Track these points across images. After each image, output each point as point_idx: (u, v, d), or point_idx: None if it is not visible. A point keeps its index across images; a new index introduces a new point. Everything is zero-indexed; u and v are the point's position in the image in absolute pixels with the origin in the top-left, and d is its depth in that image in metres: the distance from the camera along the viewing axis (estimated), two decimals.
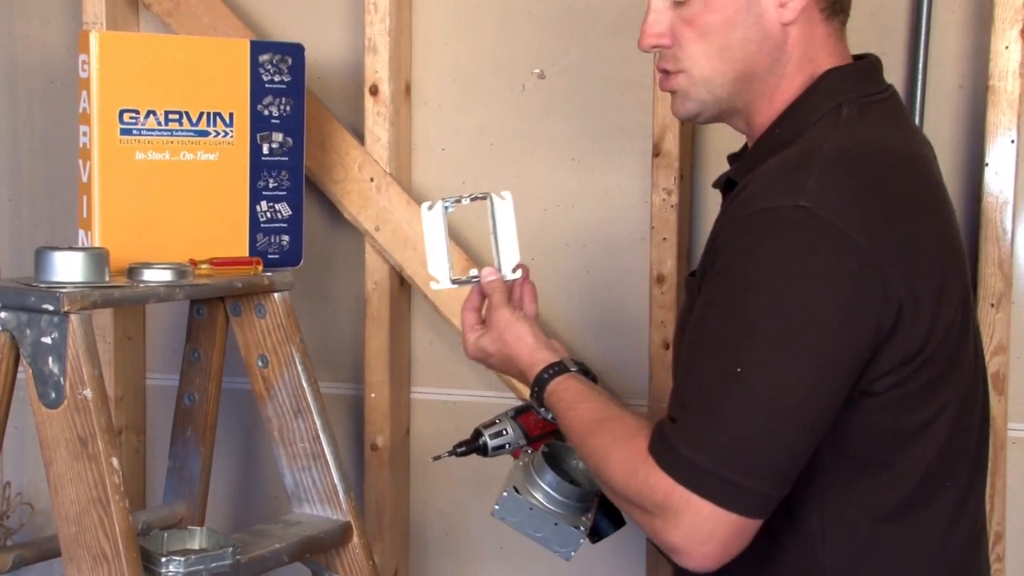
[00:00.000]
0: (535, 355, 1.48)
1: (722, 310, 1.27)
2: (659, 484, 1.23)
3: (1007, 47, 1.89)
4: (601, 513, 1.55)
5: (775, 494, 1.23)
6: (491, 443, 1.59)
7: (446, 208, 1.59)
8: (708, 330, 1.28)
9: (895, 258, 1.25)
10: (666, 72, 1.41)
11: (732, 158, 1.52)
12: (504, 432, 1.59)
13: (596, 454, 1.33)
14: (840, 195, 1.25)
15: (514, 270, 1.58)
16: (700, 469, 1.21)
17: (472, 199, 1.60)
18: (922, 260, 1.28)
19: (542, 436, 1.59)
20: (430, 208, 1.58)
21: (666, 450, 1.24)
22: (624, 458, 1.28)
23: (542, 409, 1.46)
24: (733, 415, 1.22)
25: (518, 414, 1.61)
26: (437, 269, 1.59)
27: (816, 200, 1.24)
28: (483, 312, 1.57)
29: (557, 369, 1.45)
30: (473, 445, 1.60)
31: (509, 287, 1.58)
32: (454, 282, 1.59)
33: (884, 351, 1.26)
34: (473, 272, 1.58)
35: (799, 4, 1.36)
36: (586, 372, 1.49)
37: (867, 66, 1.43)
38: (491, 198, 1.60)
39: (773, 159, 1.33)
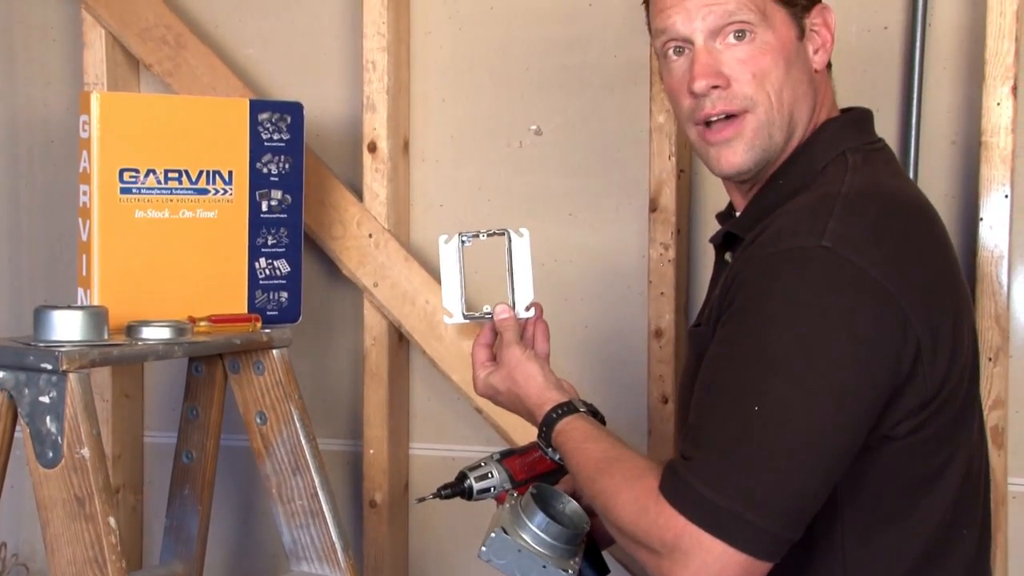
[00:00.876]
0: (544, 394, 1.48)
1: (741, 348, 1.26)
2: (670, 522, 1.21)
3: (999, 103, 1.90)
4: (586, 562, 1.54)
5: (787, 536, 1.21)
6: (476, 486, 1.57)
7: (463, 242, 1.59)
8: (727, 368, 1.26)
9: (915, 299, 1.25)
10: (727, 116, 1.38)
11: (721, 216, 1.52)
12: (489, 475, 1.58)
13: (604, 493, 1.31)
14: (861, 235, 1.25)
15: (527, 308, 1.58)
16: (713, 506, 1.19)
17: (490, 235, 1.60)
18: (939, 302, 1.28)
19: (527, 480, 1.57)
20: (447, 241, 1.59)
21: (679, 488, 1.22)
22: (634, 497, 1.26)
23: (549, 449, 1.46)
24: (751, 453, 1.20)
25: (504, 457, 1.59)
26: (451, 303, 1.59)
27: (838, 240, 1.24)
28: (495, 349, 1.56)
29: (566, 409, 1.45)
30: (458, 488, 1.58)
31: (522, 325, 1.57)
32: (467, 317, 1.59)
33: (904, 393, 1.26)
34: (487, 308, 1.57)
35: (826, 54, 1.40)
36: (595, 413, 1.48)
37: (860, 117, 1.45)
38: (508, 234, 1.59)
39: (790, 203, 1.33)
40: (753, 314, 1.25)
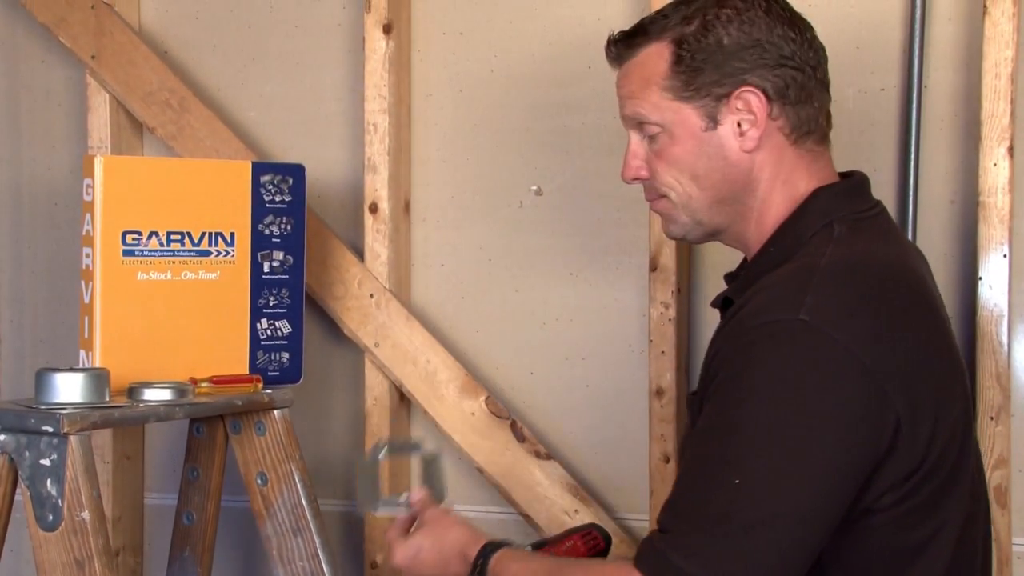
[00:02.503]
0: (473, 537, 1.48)
1: (722, 423, 1.27)
2: None
3: (995, 164, 1.92)
4: None
5: None
6: None
7: (379, 457, 1.65)
8: (707, 443, 1.28)
9: (893, 371, 1.26)
10: (650, 200, 1.50)
11: (729, 277, 1.54)
12: None
13: None
14: (839, 308, 1.27)
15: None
16: None
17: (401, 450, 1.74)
18: (920, 373, 1.29)
19: None
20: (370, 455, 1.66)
21: (657, 561, 1.23)
22: None
23: None
24: (729, 527, 1.21)
25: (537, 547, 1.57)
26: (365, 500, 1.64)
27: (815, 314, 1.25)
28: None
29: (499, 544, 1.46)
30: None
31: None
32: (383, 505, 1.63)
33: (885, 466, 1.26)
34: (403, 496, 1.61)
35: (756, 134, 1.42)
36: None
37: (855, 184, 1.47)
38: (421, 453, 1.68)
39: (769, 276, 1.35)
40: (733, 389, 1.27)
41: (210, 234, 1.93)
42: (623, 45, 1.49)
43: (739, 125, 1.42)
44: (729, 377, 1.29)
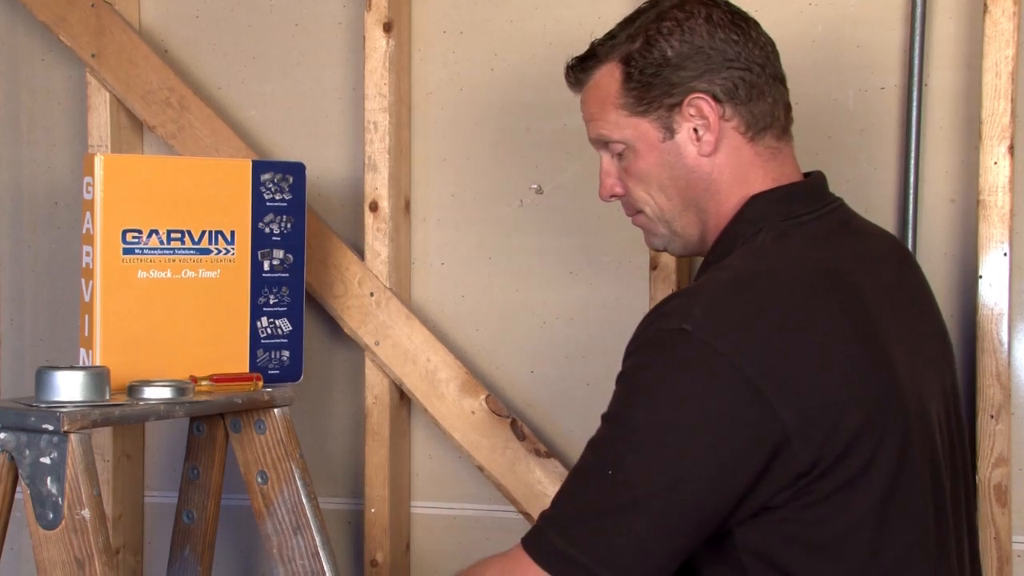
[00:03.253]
0: None
1: (608, 416, 1.36)
2: (522, 571, 1.32)
3: (996, 163, 1.92)
4: None
5: None
6: None
7: None
8: (596, 435, 1.37)
9: (779, 380, 1.29)
10: (630, 215, 1.58)
11: None
12: None
13: None
14: (725, 320, 1.32)
15: None
16: (563, 555, 1.30)
17: None
18: (814, 380, 1.31)
19: None
20: None
21: (536, 538, 1.33)
22: (500, 569, 1.36)
23: None
24: (599, 511, 1.31)
25: None
26: None
27: (698, 324, 1.31)
28: None
29: None
30: None
31: None
32: None
33: (771, 469, 1.30)
34: None
35: (712, 137, 1.47)
36: None
37: (799, 188, 1.50)
38: None
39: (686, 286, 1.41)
40: (622, 388, 1.36)
41: (210, 232, 1.93)
42: (578, 70, 1.58)
43: (695, 131, 1.47)
44: (621, 376, 1.37)
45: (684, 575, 1.37)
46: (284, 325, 2.01)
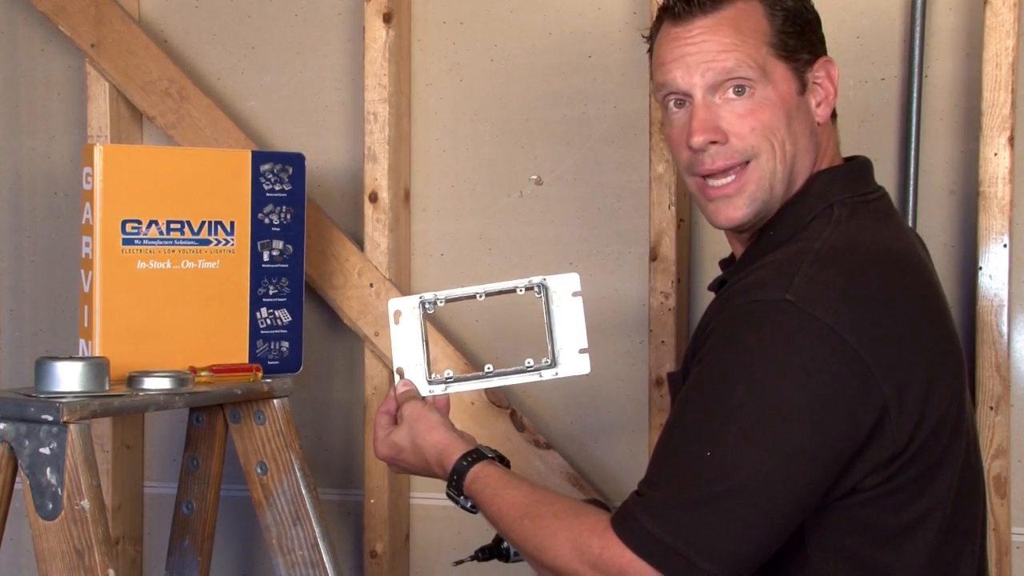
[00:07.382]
0: (450, 443, 1.47)
1: (702, 395, 1.29)
2: (616, 557, 1.24)
3: (996, 154, 1.92)
4: None
5: None
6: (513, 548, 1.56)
7: (426, 309, 1.57)
8: (688, 412, 1.30)
9: (880, 353, 1.26)
10: (725, 171, 1.40)
11: (724, 263, 1.54)
12: None
13: (537, 535, 1.32)
14: (828, 290, 1.27)
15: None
16: (659, 542, 1.22)
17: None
18: (909, 356, 1.29)
19: None
20: (403, 313, 1.56)
21: (629, 523, 1.25)
22: (574, 535, 1.29)
23: (461, 498, 1.45)
24: (698, 496, 1.24)
25: None
26: (415, 375, 1.55)
27: (802, 295, 1.26)
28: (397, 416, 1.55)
29: (475, 456, 1.45)
30: (496, 550, 1.57)
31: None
32: (431, 383, 1.56)
33: (870, 447, 1.26)
34: (449, 373, 1.57)
35: (831, 107, 1.43)
36: (502, 459, 1.49)
37: (857, 167, 1.47)
38: (546, 289, 1.59)
39: (765, 259, 1.36)
40: (716, 363, 1.29)
41: (210, 223, 1.93)
42: None
43: (817, 94, 1.43)
44: (713, 351, 1.30)
45: None
46: (284, 316, 2.01)
